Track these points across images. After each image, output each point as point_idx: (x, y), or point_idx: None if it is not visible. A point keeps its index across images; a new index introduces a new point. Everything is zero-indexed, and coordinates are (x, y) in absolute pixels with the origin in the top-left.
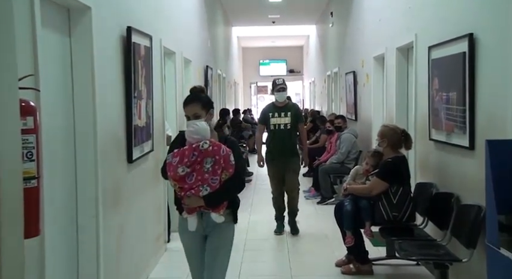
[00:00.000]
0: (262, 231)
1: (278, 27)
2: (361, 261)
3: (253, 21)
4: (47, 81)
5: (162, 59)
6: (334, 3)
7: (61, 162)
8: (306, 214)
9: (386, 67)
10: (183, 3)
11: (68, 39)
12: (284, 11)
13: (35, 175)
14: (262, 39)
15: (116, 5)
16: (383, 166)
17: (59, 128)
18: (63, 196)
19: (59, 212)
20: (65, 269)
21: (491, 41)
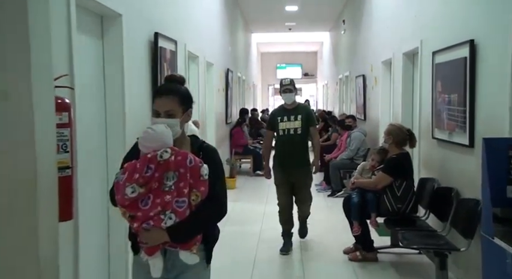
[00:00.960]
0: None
1: (294, 34)
2: (367, 249)
3: (271, 28)
4: (82, 80)
5: (186, 62)
6: (346, 12)
7: (94, 154)
8: (317, 205)
9: (393, 71)
10: (206, 11)
11: (100, 43)
12: (300, 19)
13: (69, 165)
14: (279, 44)
15: (145, 12)
16: (388, 162)
17: (92, 123)
18: (96, 185)
19: (93, 200)
20: (97, 251)
21: (491, 47)
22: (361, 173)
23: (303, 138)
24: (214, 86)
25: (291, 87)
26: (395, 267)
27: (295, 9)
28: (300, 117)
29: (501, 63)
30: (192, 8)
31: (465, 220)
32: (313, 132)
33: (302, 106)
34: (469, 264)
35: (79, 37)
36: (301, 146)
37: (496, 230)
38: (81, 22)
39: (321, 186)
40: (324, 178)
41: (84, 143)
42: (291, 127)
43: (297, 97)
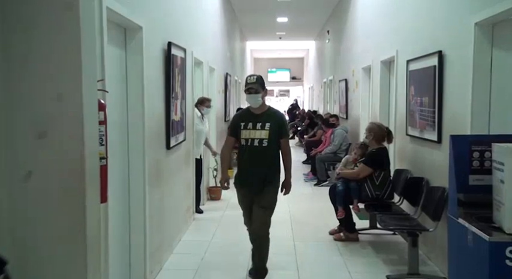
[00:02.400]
0: None
1: (284, 42)
2: (350, 230)
3: (263, 37)
4: (110, 84)
5: (192, 67)
6: (331, 22)
7: (118, 147)
8: (305, 193)
9: (372, 76)
10: (209, 22)
11: (124, 52)
12: (289, 29)
13: (105, 156)
14: (271, 51)
15: (161, 24)
16: (368, 155)
17: (116, 121)
18: (119, 174)
19: (117, 186)
20: (121, 230)
21: (455, 57)
22: (345, 165)
23: (269, 152)
24: (215, 88)
25: (257, 86)
26: (374, 246)
27: (285, 21)
28: (269, 126)
29: (464, 71)
30: (198, 20)
31: (433, 204)
32: (284, 145)
33: (273, 111)
34: (436, 242)
35: (108, 47)
36: (266, 162)
37: (460, 212)
38: (109, 35)
39: (308, 176)
40: (311, 170)
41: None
42: (255, 137)
43: (283, 98)
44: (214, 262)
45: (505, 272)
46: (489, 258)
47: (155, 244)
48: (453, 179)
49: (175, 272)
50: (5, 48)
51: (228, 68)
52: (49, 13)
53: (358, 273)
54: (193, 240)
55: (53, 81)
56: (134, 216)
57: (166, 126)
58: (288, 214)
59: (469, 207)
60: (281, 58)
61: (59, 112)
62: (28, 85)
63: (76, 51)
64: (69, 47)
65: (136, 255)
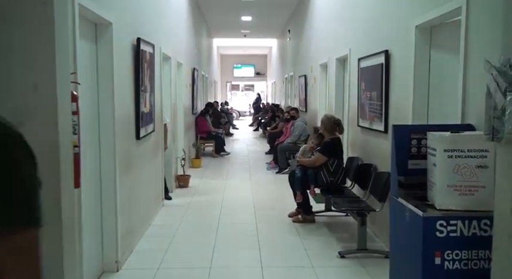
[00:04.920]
0: (235, 192)
1: (248, 40)
2: (307, 213)
3: (229, 34)
4: (81, 77)
5: (161, 62)
6: (291, 22)
7: (89, 137)
8: (267, 180)
9: (328, 72)
10: (177, 19)
11: (95, 46)
12: (253, 27)
13: (77, 144)
14: (236, 48)
15: (130, 21)
16: (323, 145)
17: (88, 112)
18: (91, 162)
19: (89, 173)
20: (93, 214)
21: (399, 56)
22: (303, 153)
23: None
24: (183, 82)
25: None
26: (328, 226)
27: (249, 19)
28: None
29: (407, 69)
30: (166, 17)
31: (380, 187)
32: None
33: None
34: (382, 221)
35: (80, 42)
36: None
37: (400, 193)
38: (81, 30)
39: (270, 165)
40: (273, 159)
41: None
42: None
43: (248, 92)
44: (183, 244)
45: (436, 242)
46: (423, 231)
47: (126, 228)
48: (394, 164)
49: (146, 253)
50: None
51: (195, 63)
52: (25, 7)
53: (313, 250)
54: (163, 225)
55: (28, 72)
56: (106, 202)
57: (136, 117)
58: (252, 199)
59: (408, 188)
60: (246, 55)
61: (34, 103)
62: (6, 76)
63: (50, 44)
64: (43, 40)
65: (109, 238)
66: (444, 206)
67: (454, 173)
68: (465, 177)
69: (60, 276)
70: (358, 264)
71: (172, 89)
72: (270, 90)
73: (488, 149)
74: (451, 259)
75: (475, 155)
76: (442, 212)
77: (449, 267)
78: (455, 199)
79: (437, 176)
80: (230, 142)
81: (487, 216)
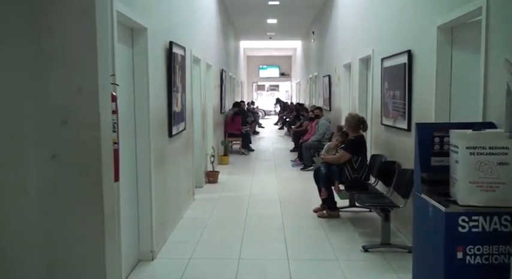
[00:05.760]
0: (261, 187)
1: (273, 42)
2: (331, 208)
3: (255, 36)
4: (119, 79)
5: (191, 64)
6: (315, 24)
7: (126, 135)
8: (292, 177)
9: (352, 72)
10: (206, 23)
11: (131, 50)
12: (278, 29)
13: (116, 141)
14: (262, 50)
15: (163, 25)
16: (347, 143)
17: (125, 112)
18: (128, 158)
19: (127, 168)
20: (130, 207)
21: (422, 55)
22: (327, 151)
23: None
24: (211, 83)
25: None
26: (352, 221)
27: (275, 22)
28: None
29: (429, 68)
30: (196, 21)
31: (403, 184)
32: None
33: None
34: (405, 217)
35: (118, 46)
36: None
37: (423, 189)
38: (118, 35)
39: (295, 162)
40: (298, 156)
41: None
42: None
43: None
44: (212, 236)
45: (457, 237)
46: (445, 226)
47: (160, 220)
48: (418, 161)
49: (178, 244)
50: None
51: (223, 65)
52: (70, 15)
53: (338, 244)
54: (194, 218)
55: (73, 76)
56: (142, 195)
57: (168, 116)
58: (278, 195)
59: (431, 184)
60: (271, 56)
61: (79, 103)
62: (53, 79)
63: (93, 49)
64: (86, 45)
65: (144, 229)
66: (466, 202)
67: (475, 170)
68: (486, 174)
69: (102, 263)
70: (382, 259)
71: (202, 89)
72: (295, 90)
73: (509, 146)
74: (473, 254)
75: (496, 153)
76: (464, 208)
77: (471, 262)
78: (477, 195)
79: (460, 172)
80: (256, 140)
81: (508, 212)
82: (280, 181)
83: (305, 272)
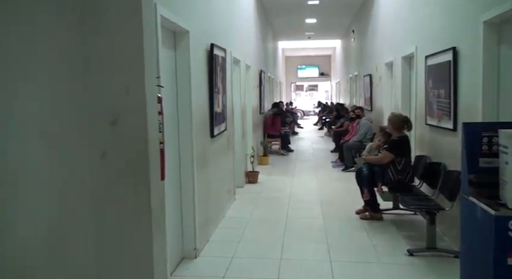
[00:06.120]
0: (301, 188)
1: (312, 41)
2: (374, 210)
3: (293, 37)
4: (163, 81)
5: (231, 65)
6: (355, 22)
7: (170, 135)
8: (333, 178)
9: (394, 71)
10: (245, 25)
11: (174, 53)
12: (317, 29)
13: (162, 141)
14: (300, 50)
15: (204, 28)
16: (390, 143)
17: (169, 112)
18: (172, 158)
19: (170, 168)
20: (174, 205)
21: (467, 52)
22: (369, 151)
23: None
24: (251, 84)
25: None
26: (396, 224)
27: (314, 22)
28: None
29: (475, 65)
30: (235, 22)
31: (450, 186)
32: None
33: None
34: (451, 220)
35: (162, 49)
36: None
37: (470, 191)
38: (162, 37)
39: (336, 163)
40: (339, 157)
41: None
42: None
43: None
44: (254, 235)
45: (508, 242)
46: (494, 231)
47: (203, 219)
48: (465, 162)
49: (221, 242)
50: (85, 48)
51: (262, 65)
52: (119, 20)
53: (381, 247)
54: (235, 217)
55: (122, 78)
56: (185, 194)
57: (210, 117)
58: (318, 196)
59: (479, 187)
60: (310, 56)
61: (126, 104)
62: (103, 80)
63: (140, 52)
64: (134, 48)
65: (188, 228)
66: None
67: None
68: None
69: (150, 259)
70: (427, 263)
71: (242, 90)
72: (334, 90)
73: None
74: None
75: None
76: None
77: None
78: None
79: (510, 174)
80: (295, 141)
81: None
82: (320, 182)
83: (348, 274)
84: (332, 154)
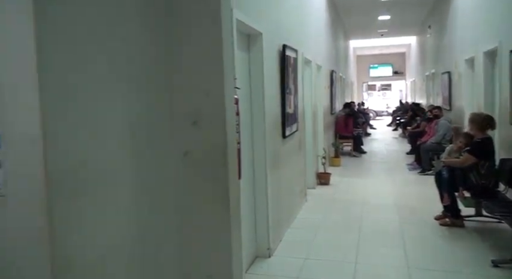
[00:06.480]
0: (376, 191)
1: (384, 39)
2: (455, 216)
3: (365, 35)
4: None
5: (302, 66)
6: (431, 17)
7: (244, 135)
8: (409, 181)
9: (475, 67)
10: (317, 25)
11: (247, 55)
12: (390, 26)
13: (238, 141)
14: (372, 48)
15: (276, 30)
16: (473, 145)
17: (243, 113)
18: (246, 158)
19: (245, 167)
20: (248, 204)
21: None
22: (449, 153)
23: None
24: (322, 84)
25: None
26: (479, 232)
27: (387, 18)
28: None
29: None
30: (307, 22)
31: None
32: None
33: None
34: None
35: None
36: None
37: None
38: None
39: (412, 165)
40: (415, 159)
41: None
42: None
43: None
44: (327, 237)
45: None
46: None
47: (275, 219)
48: None
49: (293, 243)
50: (168, 54)
51: (333, 65)
52: (198, 25)
53: (463, 256)
54: (307, 218)
55: (202, 81)
56: (258, 194)
57: (282, 117)
58: (394, 199)
59: None
60: (382, 54)
61: (207, 106)
62: (184, 84)
63: (219, 56)
64: (214, 53)
65: (261, 227)
66: None
67: None
68: None
69: (228, 256)
70: None
71: (313, 91)
72: (409, 89)
73: None
74: None
75: None
76: None
77: None
78: None
79: None
80: (368, 142)
81: None
82: (395, 185)
83: None
84: (407, 156)
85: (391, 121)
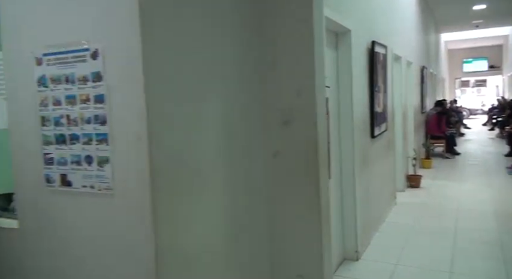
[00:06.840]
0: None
1: (478, 31)
2: None
3: (458, 27)
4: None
5: (392, 62)
6: None
7: (333, 134)
8: (509, 186)
9: None
10: (407, 19)
11: (335, 53)
12: (486, 16)
13: (328, 140)
14: (465, 41)
15: (365, 26)
16: None
17: (332, 112)
18: (334, 157)
19: (333, 167)
20: (336, 205)
21: None
22: None
23: None
24: (412, 81)
25: None
26: None
27: (483, 7)
28: None
29: None
30: (396, 17)
31: None
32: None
33: None
34: None
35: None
36: None
37: None
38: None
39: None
40: None
41: None
42: None
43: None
44: (418, 243)
45: None
46: None
47: (363, 221)
48: None
49: (382, 247)
50: (260, 56)
51: (423, 61)
52: (291, 25)
53: None
54: (397, 222)
55: (293, 81)
56: (346, 195)
57: (370, 116)
58: (492, 206)
59: None
60: (477, 48)
61: (298, 105)
62: (276, 84)
63: (310, 55)
64: (305, 52)
65: (349, 229)
66: None
67: None
68: None
69: (320, 256)
70: None
71: (403, 88)
72: (507, 85)
73: None
74: None
75: None
76: None
77: None
78: None
79: None
80: (462, 143)
81: None
82: (493, 190)
83: None
84: (507, 158)
85: (486, 120)
